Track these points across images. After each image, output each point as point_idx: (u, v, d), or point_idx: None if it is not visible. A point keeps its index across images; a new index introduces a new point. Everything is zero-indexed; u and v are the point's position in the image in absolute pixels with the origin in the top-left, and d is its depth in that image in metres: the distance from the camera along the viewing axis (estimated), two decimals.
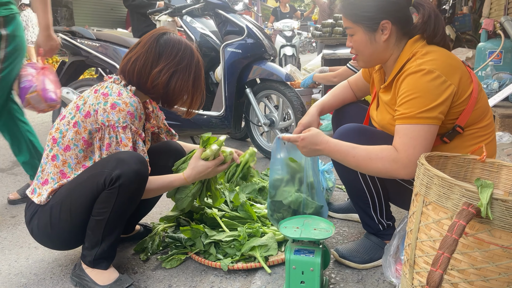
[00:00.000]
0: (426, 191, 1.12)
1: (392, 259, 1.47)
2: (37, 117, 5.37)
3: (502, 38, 4.53)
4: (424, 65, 1.35)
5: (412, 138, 1.34)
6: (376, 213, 1.65)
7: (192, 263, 1.76)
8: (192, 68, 1.63)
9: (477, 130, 1.45)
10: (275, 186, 1.69)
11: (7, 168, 3.23)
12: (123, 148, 1.50)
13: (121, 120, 1.49)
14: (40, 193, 1.56)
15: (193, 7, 3.21)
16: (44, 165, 1.59)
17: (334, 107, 1.92)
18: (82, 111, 1.53)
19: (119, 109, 1.49)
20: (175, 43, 1.60)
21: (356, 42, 1.51)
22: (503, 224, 0.97)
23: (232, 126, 3.21)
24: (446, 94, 1.34)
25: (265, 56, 3.16)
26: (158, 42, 1.59)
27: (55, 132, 1.57)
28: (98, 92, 1.55)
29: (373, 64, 1.58)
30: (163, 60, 1.58)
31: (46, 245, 1.64)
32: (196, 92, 1.68)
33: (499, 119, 3.58)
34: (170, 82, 1.59)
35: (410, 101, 1.35)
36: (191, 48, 1.65)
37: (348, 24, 1.51)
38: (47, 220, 1.53)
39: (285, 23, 7.44)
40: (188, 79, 1.62)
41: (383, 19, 1.44)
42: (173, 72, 1.59)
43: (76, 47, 3.47)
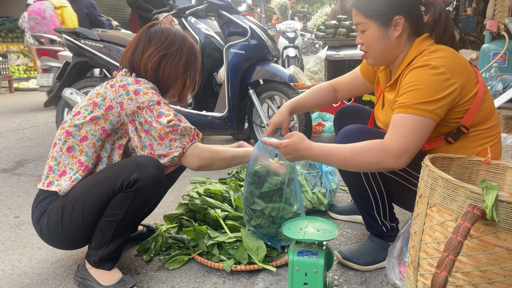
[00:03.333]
0: (431, 192, 1.11)
1: (395, 261, 1.46)
2: (41, 117, 5.39)
3: (507, 40, 4.51)
4: (430, 61, 1.35)
5: (406, 127, 1.31)
6: (379, 214, 1.64)
7: (195, 264, 1.76)
8: (184, 53, 1.64)
9: (483, 131, 1.44)
10: (253, 193, 1.69)
11: (11, 169, 3.24)
12: (158, 131, 1.51)
13: (152, 98, 1.52)
14: (58, 183, 1.56)
15: (197, 8, 3.22)
16: (59, 158, 1.59)
17: (308, 108, 1.88)
18: (103, 106, 1.55)
19: (143, 93, 1.53)
20: (165, 29, 1.64)
21: (368, 38, 1.49)
22: (508, 226, 0.97)
23: (235, 127, 3.21)
24: (447, 91, 1.33)
25: (269, 57, 3.16)
26: (149, 30, 1.63)
27: (69, 126, 1.57)
28: (115, 86, 1.56)
29: (383, 61, 1.55)
30: (153, 45, 1.60)
31: (53, 245, 1.64)
32: (189, 77, 1.69)
33: (503, 120, 3.56)
34: (159, 65, 1.61)
35: (411, 92, 1.34)
36: (183, 34, 1.66)
37: (360, 20, 1.48)
38: (57, 219, 1.53)
39: (288, 25, 7.45)
40: (179, 63, 1.63)
41: (397, 15, 1.43)
42: (163, 56, 1.60)
43: (80, 48, 3.48)
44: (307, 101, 1.83)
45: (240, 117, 3.28)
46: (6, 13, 11.65)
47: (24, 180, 2.95)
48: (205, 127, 3.22)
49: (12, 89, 8.36)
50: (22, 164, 3.34)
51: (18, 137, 4.31)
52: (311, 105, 1.86)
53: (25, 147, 3.89)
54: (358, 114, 1.87)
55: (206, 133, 3.31)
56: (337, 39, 4.33)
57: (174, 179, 1.91)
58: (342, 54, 4.19)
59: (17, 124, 5.00)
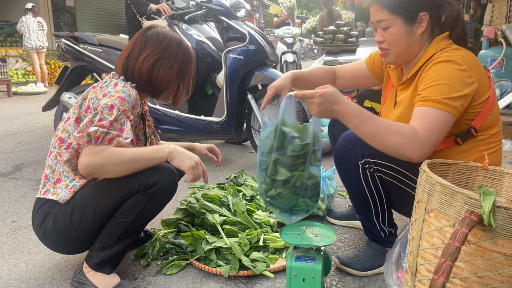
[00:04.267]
0: (428, 198, 1.11)
1: (393, 266, 1.46)
2: (39, 122, 5.38)
3: (504, 46, 4.54)
4: (453, 57, 1.36)
5: (432, 121, 1.30)
6: (378, 219, 1.64)
7: (192, 269, 1.76)
8: (179, 56, 1.64)
9: (489, 136, 1.45)
10: (276, 162, 1.41)
11: (8, 173, 3.23)
12: (100, 122, 1.41)
13: (109, 102, 1.46)
14: (54, 191, 1.56)
15: (196, 13, 3.23)
16: (54, 166, 1.58)
17: (308, 83, 1.75)
18: (83, 106, 1.55)
19: (109, 95, 1.49)
20: (161, 33, 1.63)
21: (392, 34, 1.45)
22: (506, 232, 0.97)
23: (234, 132, 3.21)
24: (469, 89, 1.34)
25: (267, 63, 3.17)
26: (145, 34, 1.63)
27: (61, 133, 1.57)
28: (96, 87, 1.56)
29: (404, 59, 1.52)
30: (148, 48, 1.60)
31: (57, 248, 1.63)
32: (183, 81, 1.68)
33: None
34: (154, 68, 1.60)
35: (437, 86, 1.33)
36: (178, 38, 1.66)
37: (384, 16, 1.45)
38: (65, 221, 1.52)
39: (286, 30, 7.47)
40: (173, 66, 1.62)
41: (422, 11, 1.42)
42: (157, 59, 1.60)
43: (79, 52, 3.49)
44: (308, 75, 1.76)
45: (239, 122, 3.28)
46: (5, 17, 11.67)
47: (22, 184, 2.94)
48: (203, 132, 3.22)
49: (10, 93, 8.36)
50: (19, 169, 3.33)
51: (16, 141, 4.30)
52: (311, 80, 1.76)
53: (23, 151, 3.88)
54: None
55: (205, 138, 3.32)
56: (335, 45, 4.35)
57: None
58: (341, 60, 4.21)
59: (15, 128, 4.99)
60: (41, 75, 9.53)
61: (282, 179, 1.40)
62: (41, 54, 9.46)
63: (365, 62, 1.80)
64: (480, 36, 5.97)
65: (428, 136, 1.28)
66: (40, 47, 9.30)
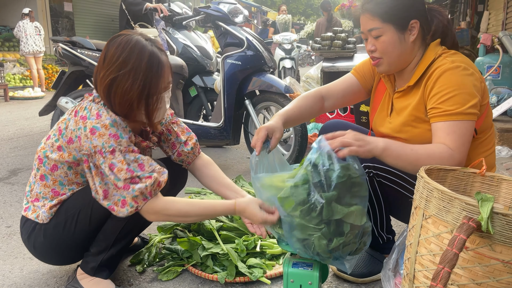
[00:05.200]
0: (426, 204, 1.11)
1: (391, 273, 1.45)
2: (35, 127, 5.37)
3: (500, 53, 4.56)
4: (457, 62, 1.37)
5: (461, 135, 1.32)
6: (376, 225, 1.64)
7: (188, 275, 1.74)
8: (140, 71, 1.40)
9: (486, 138, 1.47)
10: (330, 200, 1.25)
11: (4, 178, 3.21)
12: (118, 174, 1.38)
13: (106, 145, 1.38)
14: (34, 210, 1.52)
15: (194, 19, 3.24)
16: (33, 185, 1.55)
17: (299, 121, 1.69)
18: (65, 136, 1.46)
19: (99, 134, 1.38)
20: (122, 43, 1.41)
21: (384, 43, 1.44)
22: (504, 239, 0.96)
23: (231, 137, 3.21)
24: (482, 90, 1.38)
25: (265, 68, 3.17)
26: (108, 46, 1.43)
27: (40, 151, 1.52)
28: (78, 115, 1.44)
29: (397, 67, 1.51)
30: (106, 64, 1.41)
31: (50, 261, 1.62)
32: (150, 98, 1.45)
33: (497, 133, 3.58)
34: (110, 90, 1.41)
35: (454, 98, 1.33)
36: (141, 48, 1.41)
37: (375, 25, 1.44)
38: (58, 233, 1.49)
39: (284, 36, 7.50)
40: (133, 85, 1.40)
41: (413, 18, 1.43)
42: (113, 79, 1.40)
43: (76, 57, 3.48)
44: (296, 112, 1.64)
45: (236, 127, 3.28)
46: (2, 22, 11.68)
47: (17, 189, 2.92)
48: (200, 137, 3.21)
49: (7, 98, 8.33)
50: (15, 173, 3.32)
51: (12, 146, 4.28)
52: (300, 115, 1.67)
53: (19, 156, 3.87)
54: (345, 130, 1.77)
55: (202, 143, 3.31)
56: (333, 51, 4.36)
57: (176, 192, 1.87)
58: (338, 66, 4.22)
59: (11, 133, 4.97)
60: (38, 80, 9.52)
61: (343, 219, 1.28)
62: (38, 59, 9.46)
63: (353, 77, 1.73)
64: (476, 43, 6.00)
65: (461, 152, 1.32)
66: (37, 52, 9.30)
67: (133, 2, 4.36)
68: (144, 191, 1.40)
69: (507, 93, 4.02)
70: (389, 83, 1.60)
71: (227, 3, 3.25)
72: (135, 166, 1.40)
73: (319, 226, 1.26)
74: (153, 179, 1.41)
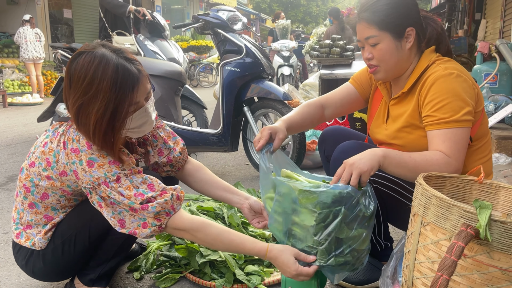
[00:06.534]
0: (424, 211, 1.11)
1: (389, 280, 1.45)
2: (34, 133, 5.36)
3: (498, 61, 4.59)
4: (450, 69, 1.39)
5: (456, 142, 1.34)
6: (374, 232, 1.63)
7: (186, 283, 1.73)
8: (106, 91, 1.26)
9: (482, 145, 1.48)
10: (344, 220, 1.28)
11: (1, 184, 3.20)
12: (127, 200, 1.31)
13: (109, 174, 1.31)
14: (28, 237, 1.47)
15: (193, 26, 3.26)
16: (22, 213, 1.47)
17: (300, 127, 1.70)
18: (56, 169, 1.36)
19: (98, 165, 1.31)
20: (84, 63, 1.27)
21: (381, 50, 1.46)
22: (502, 246, 0.96)
23: (230, 144, 3.21)
24: (475, 97, 1.39)
25: (263, 75, 3.18)
26: (70, 67, 1.30)
27: (25, 179, 1.42)
28: (67, 147, 1.33)
29: (394, 74, 1.52)
30: (73, 89, 1.29)
31: (51, 280, 1.59)
32: (119, 118, 1.31)
33: (495, 140, 3.59)
34: (78, 115, 1.30)
35: (448, 105, 1.35)
36: (105, 64, 1.27)
37: (372, 33, 1.45)
38: (57, 257, 1.46)
39: (282, 44, 7.52)
40: (100, 108, 1.27)
41: (409, 26, 1.45)
42: (80, 105, 1.28)
43: None
44: (299, 119, 1.67)
45: (235, 134, 3.28)
46: (2, 28, 11.69)
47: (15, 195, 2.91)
48: (199, 144, 3.21)
49: (6, 104, 8.32)
50: (13, 179, 3.31)
51: (10, 152, 4.27)
52: (302, 123, 1.69)
53: (17, 162, 3.86)
54: (344, 136, 1.76)
55: (200, 149, 3.31)
56: (331, 58, 4.38)
57: None
58: (336, 73, 4.23)
59: (9, 139, 4.96)
60: (37, 86, 9.52)
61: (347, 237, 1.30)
62: (38, 65, 9.47)
63: (351, 86, 1.75)
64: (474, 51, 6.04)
65: (458, 158, 1.34)
66: (37, 58, 9.31)
67: (117, 4, 4.44)
68: (166, 206, 1.35)
69: (505, 100, 4.03)
70: (385, 90, 1.61)
71: (226, 10, 3.27)
72: (145, 188, 1.35)
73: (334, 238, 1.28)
74: (170, 193, 1.36)
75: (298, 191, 1.30)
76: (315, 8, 31.53)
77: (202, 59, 13.80)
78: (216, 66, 10.83)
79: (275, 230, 1.40)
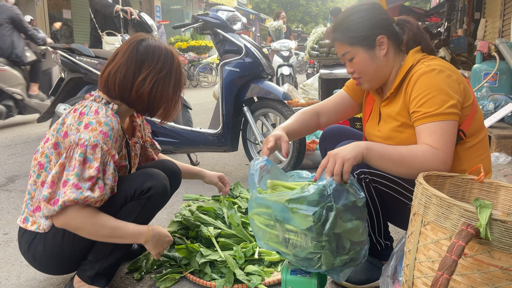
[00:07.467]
0: (425, 210, 1.11)
1: (390, 280, 1.45)
2: (33, 133, 5.36)
3: (497, 60, 4.59)
4: (433, 66, 1.42)
5: (442, 134, 1.35)
6: (374, 232, 1.63)
7: (187, 283, 1.73)
8: (173, 73, 1.57)
9: (477, 142, 1.48)
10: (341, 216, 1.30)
11: (1, 185, 3.20)
12: (87, 170, 1.38)
13: (92, 139, 1.40)
14: (34, 221, 1.51)
15: (192, 26, 3.25)
16: (33, 192, 1.52)
17: (298, 134, 1.76)
18: (60, 131, 1.47)
19: (91, 128, 1.42)
20: (156, 48, 1.54)
21: (358, 63, 1.52)
22: (502, 245, 0.96)
23: (229, 144, 3.21)
24: (460, 91, 1.40)
25: (263, 75, 3.18)
26: (138, 50, 1.52)
27: (40, 157, 1.50)
28: (77, 111, 1.48)
29: (378, 82, 1.57)
30: (145, 67, 1.51)
31: (50, 271, 1.60)
32: (175, 96, 1.62)
33: (495, 140, 3.59)
34: (152, 90, 1.53)
35: (431, 100, 1.37)
36: (171, 52, 1.59)
37: (345, 49, 1.53)
38: (57, 242, 1.48)
39: (282, 43, 7.52)
40: (169, 85, 1.57)
41: (379, 35, 1.49)
42: (156, 81, 1.53)
43: (75, 64, 3.49)
44: (296, 126, 1.72)
45: (234, 134, 3.28)
46: None
47: (15, 196, 2.91)
48: (198, 144, 3.21)
49: None
50: (13, 180, 3.30)
51: (10, 153, 4.27)
52: (299, 130, 1.74)
53: (16, 163, 3.86)
54: (345, 135, 1.79)
55: (200, 149, 3.31)
56: (331, 58, 4.38)
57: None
58: (336, 73, 4.24)
59: (9, 140, 4.96)
60: None
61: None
62: None
63: (345, 92, 1.80)
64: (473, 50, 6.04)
65: (445, 150, 1.34)
66: None
67: (105, 4, 4.48)
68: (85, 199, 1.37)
69: (505, 99, 4.03)
70: (376, 93, 1.65)
71: (225, 10, 3.27)
72: (101, 168, 1.41)
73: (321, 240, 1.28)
74: (100, 194, 1.39)
75: (286, 201, 1.31)
76: (314, 8, 31.52)
77: (201, 59, 13.78)
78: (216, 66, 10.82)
79: (271, 242, 1.39)
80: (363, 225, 1.37)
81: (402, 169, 1.35)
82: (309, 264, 1.33)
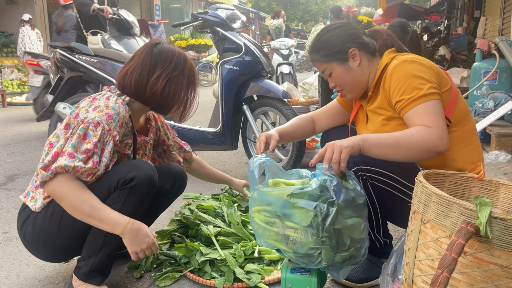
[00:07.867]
0: (424, 209, 1.11)
1: (389, 278, 1.45)
2: (33, 132, 5.36)
3: (497, 58, 4.58)
4: (405, 58, 1.50)
5: (431, 113, 1.39)
6: (373, 229, 1.63)
7: (186, 281, 1.73)
8: (185, 73, 1.66)
9: (464, 133, 1.52)
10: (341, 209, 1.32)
11: (1, 184, 3.20)
12: (85, 144, 1.45)
13: (96, 118, 1.49)
14: (33, 196, 1.56)
15: (192, 24, 3.25)
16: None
17: (292, 137, 1.86)
18: (73, 113, 1.55)
19: (98, 110, 1.52)
20: (169, 51, 1.65)
21: (337, 77, 1.63)
22: (502, 243, 0.96)
23: (229, 143, 3.21)
24: (435, 75, 1.47)
25: (263, 74, 3.18)
26: (153, 52, 1.63)
27: (52, 137, 1.56)
28: (92, 97, 1.59)
29: (359, 90, 1.66)
30: (159, 67, 1.61)
31: (37, 253, 1.62)
32: (190, 96, 1.72)
33: (495, 138, 3.59)
34: (165, 88, 1.62)
35: (410, 86, 1.43)
36: (184, 55, 1.69)
37: (323, 67, 1.65)
38: (44, 225, 1.52)
39: (282, 42, 7.51)
40: (182, 84, 1.66)
41: (350, 48, 1.60)
42: (169, 79, 1.62)
43: (74, 63, 3.48)
44: (291, 128, 1.83)
45: (234, 132, 3.28)
46: (1, 28, 11.67)
47: (14, 195, 2.91)
48: (198, 142, 3.21)
49: (5, 104, 8.31)
50: (12, 179, 3.30)
51: (9, 152, 4.27)
52: (294, 134, 1.85)
53: (16, 162, 3.85)
54: (347, 133, 1.82)
55: (199, 148, 3.31)
56: None
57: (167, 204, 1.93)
58: None
59: (9, 139, 4.96)
60: None
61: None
62: None
63: (336, 101, 1.91)
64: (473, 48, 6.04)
65: (438, 126, 1.37)
66: None
67: (83, 2, 4.48)
68: (79, 169, 1.42)
69: (504, 97, 4.03)
70: (362, 99, 1.73)
71: (225, 9, 3.26)
72: (99, 145, 1.48)
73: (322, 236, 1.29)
74: (91, 167, 1.45)
75: (288, 196, 1.31)
76: (314, 6, 31.47)
77: (201, 57, 13.77)
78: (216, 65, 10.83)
79: (271, 240, 1.39)
80: (363, 223, 1.38)
81: (400, 152, 1.37)
82: (309, 260, 1.33)
